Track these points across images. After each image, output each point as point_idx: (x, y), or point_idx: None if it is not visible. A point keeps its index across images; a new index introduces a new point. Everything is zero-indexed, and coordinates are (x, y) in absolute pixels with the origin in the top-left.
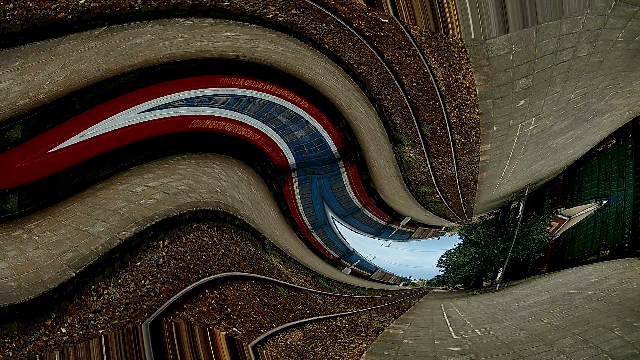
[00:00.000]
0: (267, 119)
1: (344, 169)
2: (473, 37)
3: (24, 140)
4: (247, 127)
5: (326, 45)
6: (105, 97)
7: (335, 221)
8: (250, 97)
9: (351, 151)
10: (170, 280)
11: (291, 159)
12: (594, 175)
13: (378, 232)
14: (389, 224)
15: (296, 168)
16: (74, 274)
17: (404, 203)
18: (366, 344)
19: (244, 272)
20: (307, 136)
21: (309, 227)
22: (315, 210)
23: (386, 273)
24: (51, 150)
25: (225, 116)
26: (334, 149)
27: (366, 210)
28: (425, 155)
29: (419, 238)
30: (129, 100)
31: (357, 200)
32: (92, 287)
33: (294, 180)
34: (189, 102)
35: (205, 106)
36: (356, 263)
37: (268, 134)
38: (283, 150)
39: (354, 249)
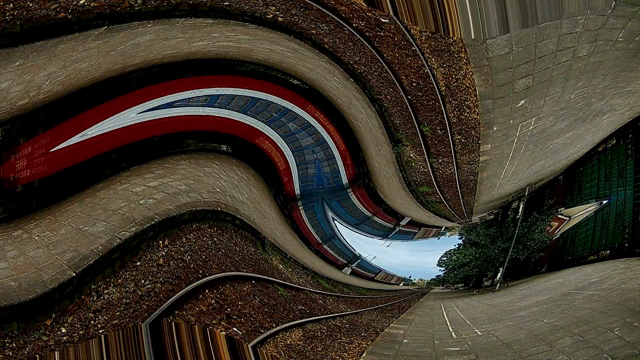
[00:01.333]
0: (295, 149)
1: (351, 193)
2: (473, 37)
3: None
4: (282, 157)
5: (326, 45)
6: (105, 96)
7: (337, 223)
8: (311, 126)
9: (360, 179)
10: (170, 280)
11: (297, 190)
12: (594, 175)
13: (386, 234)
14: (395, 226)
15: (300, 197)
16: (74, 274)
17: (404, 203)
18: (366, 344)
19: (244, 272)
20: (329, 173)
21: (319, 241)
22: (323, 228)
23: (389, 274)
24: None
25: (272, 138)
26: (344, 180)
27: (376, 217)
28: (425, 155)
29: (422, 238)
30: (136, 99)
31: (366, 210)
32: (92, 287)
33: (299, 207)
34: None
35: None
36: (359, 265)
37: (291, 166)
38: (294, 182)
39: (360, 255)
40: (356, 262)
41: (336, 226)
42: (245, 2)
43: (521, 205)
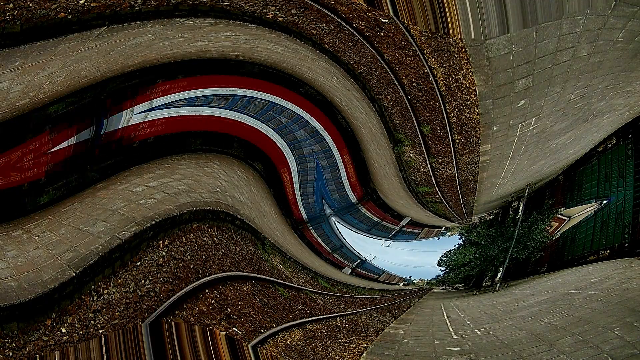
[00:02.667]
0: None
1: (362, 207)
2: (473, 37)
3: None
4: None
5: (326, 45)
6: (105, 96)
7: (336, 223)
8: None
9: (368, 196)
10: (170, 280)
11: (304, 216)
12: (594, 176)
13: (393, 235)
14: (401, 228)
15: (309, 221)
16: (74, 274)
17: (404, 203)
18: (366, 344)
19: (244, 272)
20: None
21: (330, 251)
22: (332, 240)
23: (391, 275)
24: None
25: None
26: (353, 199)
27: (384, 222)
28: (425, 156)
29: (424, 238)
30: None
31: (375, 217)
32: (92, 287)
33: (309, 227)
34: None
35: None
36: (364, 267)
37: (298, 203)
38: (301, 212)
39: (366, 259)
40: (361, 265)
41: (340, 231)
42: (245, 2)
43: (521, 206)
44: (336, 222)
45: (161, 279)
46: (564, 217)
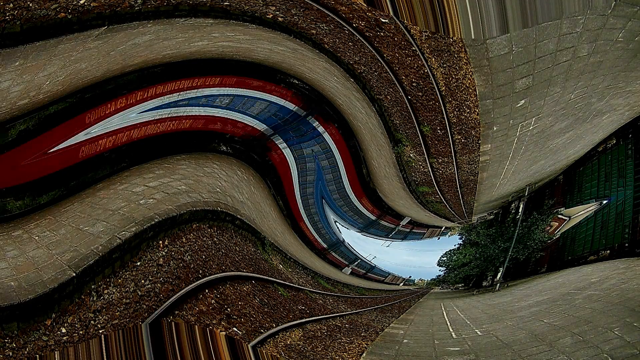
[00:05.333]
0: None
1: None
2: (473, 37)
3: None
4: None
5: (326, 45)
6: (105, 96)
7: (336, 224)
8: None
9: (382, 211)
10: (170, 280)
11: (311, 234)
12: (594, 175)
13: (404, 236)
14: (410, 229)
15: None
16: (74, 274)
17: (404, 203)
18: (366, 344)
19: (244, 272)
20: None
21: (341, 260)
22: (331, 238)
23: (396, 277)
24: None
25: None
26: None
27: (382, 221)
28: (425, 155)
29: (429, 238)
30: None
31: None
32: (92, 287)
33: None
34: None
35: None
36: (374, 272)
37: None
38: (309, 230)
39: (375, 265)
40: (372, 270)
41: (341, 232)
42: (245, 2)
43: (521, 205)
44: (336, 222)
45: (161, 279)
46: (564, 217)
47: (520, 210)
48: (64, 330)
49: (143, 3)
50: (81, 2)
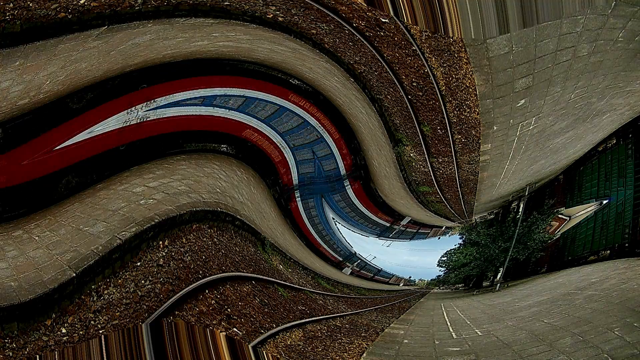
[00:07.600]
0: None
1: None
2: (473, 36)
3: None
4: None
5: (326, 45)
6: (105, 96)
7: (337, 225)
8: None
9: (392, 219)
10: (171, 280)
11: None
12: (594, 175)
13: (411, 236)
14: (418, 231)
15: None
16: (74, 274)
17: (404, 203)
18: (366, 344)
19: (244, 272)
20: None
21: (341, 260)
22: (338, 247)
23: (399, 278)
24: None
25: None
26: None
27: (394, 225)
28: (426, 155)
29: (433, 237)
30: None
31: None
32: (92, 287)
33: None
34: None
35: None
36: (381, 274)
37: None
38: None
39: (382, 269)
40: (379, 273)
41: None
42: (245, 1)
43: (521, 205)
44: (337, 222)
45: (161, 279)
46: (564, 217)
47: (520, 209)
48: (64, 331)
49: (143, 3)
50: (81, 2)
